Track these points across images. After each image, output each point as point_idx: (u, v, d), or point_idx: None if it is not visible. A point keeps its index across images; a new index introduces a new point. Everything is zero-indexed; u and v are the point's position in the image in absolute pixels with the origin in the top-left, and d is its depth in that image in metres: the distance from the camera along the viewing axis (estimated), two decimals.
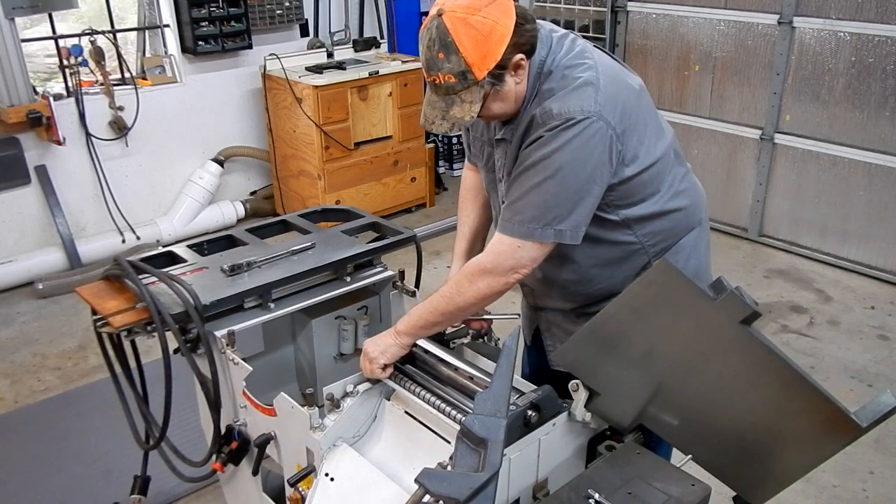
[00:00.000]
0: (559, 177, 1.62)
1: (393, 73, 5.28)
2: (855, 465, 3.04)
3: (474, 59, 1.56)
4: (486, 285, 1.71)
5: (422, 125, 1.71)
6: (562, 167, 1.61)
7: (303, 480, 1.82)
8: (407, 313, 1.84)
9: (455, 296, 1.74)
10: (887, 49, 4.27)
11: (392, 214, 5.52)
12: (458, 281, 1.75)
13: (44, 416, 3.48)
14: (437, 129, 1.68)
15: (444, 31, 1.55)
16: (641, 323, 1.59)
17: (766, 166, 4.98)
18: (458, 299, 1.74)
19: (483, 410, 1.45)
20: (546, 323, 2.06)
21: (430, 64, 1.60)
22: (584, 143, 1.61)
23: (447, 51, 1.55)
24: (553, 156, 1.61)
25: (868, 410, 1.62)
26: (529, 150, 1.66)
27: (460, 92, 1.60)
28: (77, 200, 4.91)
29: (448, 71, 1.57)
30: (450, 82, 1.59)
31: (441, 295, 1.76)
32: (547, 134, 1.62)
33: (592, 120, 1.61)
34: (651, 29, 5.35)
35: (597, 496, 1.61)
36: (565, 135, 1.61)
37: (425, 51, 1.60)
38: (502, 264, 1.69)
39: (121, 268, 2.03)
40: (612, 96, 1.66)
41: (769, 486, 1.77)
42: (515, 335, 1.58)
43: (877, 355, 3.84)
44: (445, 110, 1.64)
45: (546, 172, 1.62)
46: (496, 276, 1.70)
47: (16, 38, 4.32)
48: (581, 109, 1.61)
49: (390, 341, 1.81)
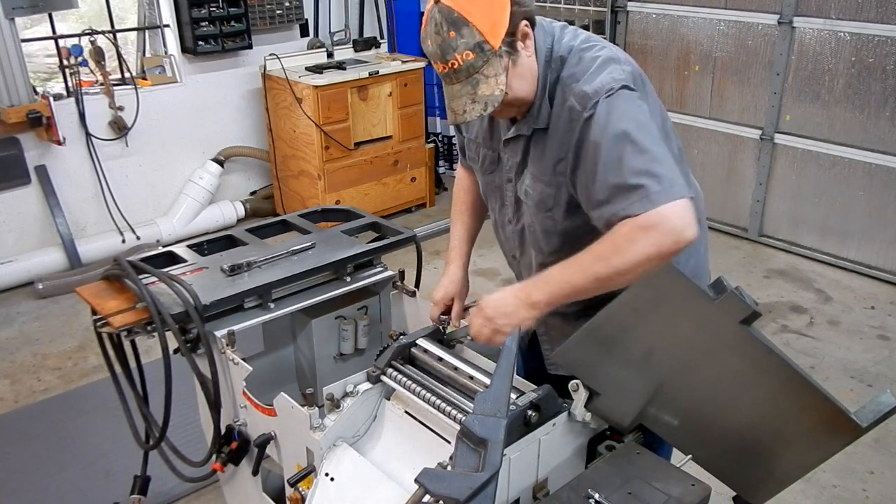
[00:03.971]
0: (637, 132, 1.54)
1: (393, 73, 5.28)
2: (855, 465, 3.04)
3: (486, 27, 1.52)
4: (652, 243, 1.50)
5: (451, 124, 1.65)
6: (628, 126, 1.54)
7: (303, 480, 1.82)
8: (540, 279, 1.63)
9: (612, 256, 1.53)
10: (887, 49, 4.27)
11: (392, 214, 5.52)
12: (614, 240, 1.53)
13: (44, 416, 3.49)
14: (469, 117, 1.58)
15: (448, 10, 1.52)
16: (641, 323, 1.59)
17: (766, 166, 4.98)
18: (617, 261, 1.52)
19: (483, 410, 1.45)
20: (544, 327, 2.04)
21: (444, 48, 1.54)
22: (634, 103, 1.58)
23: (457, 26, 1.52)
24: (617, 121, 1.54)
25: (868, 410, 1.63)
26: (586, 133, 1.58)
27: (482, 68, 1.54)
28: (77, 200, 4.91)
29: (465, 47, 1.52)
30: (469, 59, 1.53)
31: (593, 256, 1.55)
32: (595, 111, 1.57)
33: (628, 86, 1.59)
34: (651, 29, 5.35)
35: (597, 496, 1.61)
36: (614, 102, 1.56)
37: (434, 37, 1.54)
38: (669, 221, 1.50)
39: (121, 268, 2.03)
40: (636, 72, 1.65)
41: (769, 486, 1.77)
42: (515, 335, 1.58)
43: (877, 355, 3.84)
44: (473, 93, 1.57)
45: (623, 136, 1.53)
46: (663, 234, 1.50)
47: (16, 38, 4.32)
48: (612, 82, 1.58)
49: (524, 313, 1.63)
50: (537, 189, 1.75)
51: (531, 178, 1.77)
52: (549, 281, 1.62)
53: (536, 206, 1.78)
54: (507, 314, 1.66)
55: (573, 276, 1.59)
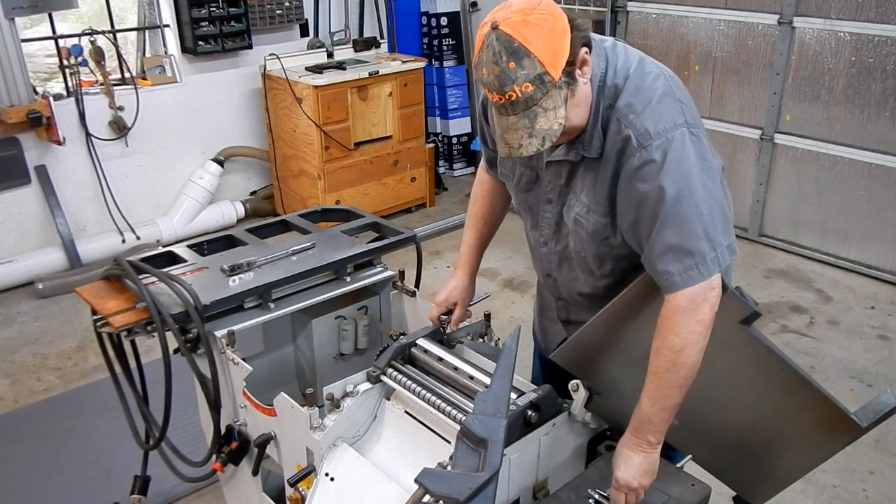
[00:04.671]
0: (701, 186, 1.51)
1: (393, 73, 5.28)
2: (855, 465, 3.03)
3: (547, 58, 1.44)
4: (700, 321, 1.51)
5: (505, 155, 1.56)
6: (692, 178, 1.50)
7: (303, 480, 1.82)
8: (640, 424, 1.59)
9: (678, 357, 1.51)
10: (887, 49, 4.27)
11: (392, 214, 5.52)
12: (668, 344, 1.52)
13: (44, 416, 3.48)
14: (526, 151, 1.51)
15: (508, 39, 1.43)
16: (642, 323, 1.59)
17: (766, 166, 4.98)
18: (684, 357, 1.51)
19: (483, 410, 1.45)
20: (568, 335, 2.01)
21: (503, 79, 1.44)
22: (697, 146, 1.54)
23: (517, 57, 1.43)
24: (684, 173, 1.50)
25: (868, 410, 1.63)
26: (648, 175, 1.53)
27: (540, 101, 1.46)
28: (77, 200, 4.91)
29: (525, 79, 1.44)
30: (528, 91, 1.45)
31: (663, 369, 1.53)
32: (658, 154, 1.51)
33: (690, 129, 1.55)
34: (651, 29, 5.35)
35: (597, 496, 1.61)
36: (678, 147, 1.51)
37: (492, 67, 1.45)
38: (714, 294, 1.52)
39: (121, 268, 2.03)
40: (691, 105, 1.60)
41: (769, 486, 1.77)
42: (515, 335, 1.58)
43: (877, 355, 3.84)
44: (530, 127, 1.48)
45: (688, 192, 1.50)
46: (710, 308, 1.51)
47: (16, 38, 4.32)
48: (674, 124, 1.53)
49: (654, 456, 1.61)
50: (592, 220, 1.68)
51: (583, 208, 1.70)
52: (651, 420, 1.58)
53: (591, 236, 1.70)
54: (645, 471, 1.60)
55: (663, 399, 1.56)
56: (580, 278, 1.81)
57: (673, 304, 1.52)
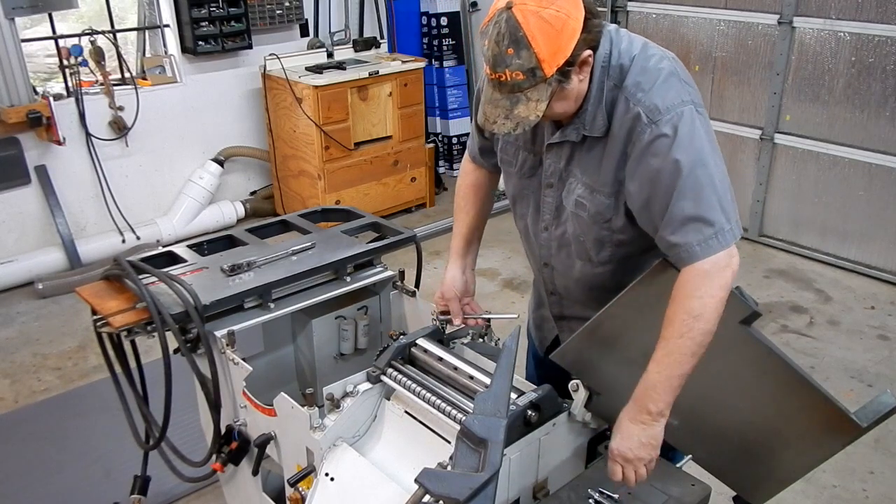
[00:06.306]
0: (713, 159, 1.54)
1: (393, 73, 5.28)
2: (855, 465, 3.04)
3: (545, 56, 1.46)
4: (721, 286, 1.50)
5: (481, 124, 1.60)
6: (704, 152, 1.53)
7: (303, 480, 1.82)
8: (645, 391, 1.56)
9: (695, 322, 1.49)
10: (887, 49, 4.27)
11: (392, 214, 5.52)
12: (683, 305, 1.51)
13: (44, 416, 3.48)
14: (498, 129, 1.57)
15: (516, 25, 1.45)
16: (641, 322, 1.59)
17: (766, 166, 4.99)
18: (701, 324, 1.49)
19: (483, 410, 1.45)
20: (569, 332, 2.00)
21: (498, 60, 1.48)
22: (706, 125, 1.57)
23: (517, 46, 1.45)
24: (697, 146, 1.53)
25: (868, 410, 1.63)
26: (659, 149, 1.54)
27: (527, 90, 1.50)
28: (77, 200, 4.91)
29: (517, 68, 1.47)
30: (517, 79, 1.49)
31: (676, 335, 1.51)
32: (669, 128, 1.53)
33: (696, 108, 1.57)
34: (651, 29, 5.35)
35: (597, 496, 1.61)
36: (689, 122, 1.54)
37: (492, 46, 1.48)
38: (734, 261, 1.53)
39: (121, 268, 2.03)
40: (695, 87, 1.62)
41: (769, 486, 1.77)
42: (515, 335, 1.58)
43: (877, 355, 3.84)
44: (510, 109, 1.53)
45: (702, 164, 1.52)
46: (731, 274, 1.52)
47: (16, 38, 4.32)
48: (682, 101, 1.56)
49: (657, 429, 1.57)
50: (595, 201, 1.69)
51: (585, 189, 1.70)
52: (655, 387, 1.54)
53: (593, 218, 1.70)
54: (643, 444, 1.57)
55: (671, 367, 1.53)
56: (577, 265, 1.82)
57: (694, 270, 1.51)
